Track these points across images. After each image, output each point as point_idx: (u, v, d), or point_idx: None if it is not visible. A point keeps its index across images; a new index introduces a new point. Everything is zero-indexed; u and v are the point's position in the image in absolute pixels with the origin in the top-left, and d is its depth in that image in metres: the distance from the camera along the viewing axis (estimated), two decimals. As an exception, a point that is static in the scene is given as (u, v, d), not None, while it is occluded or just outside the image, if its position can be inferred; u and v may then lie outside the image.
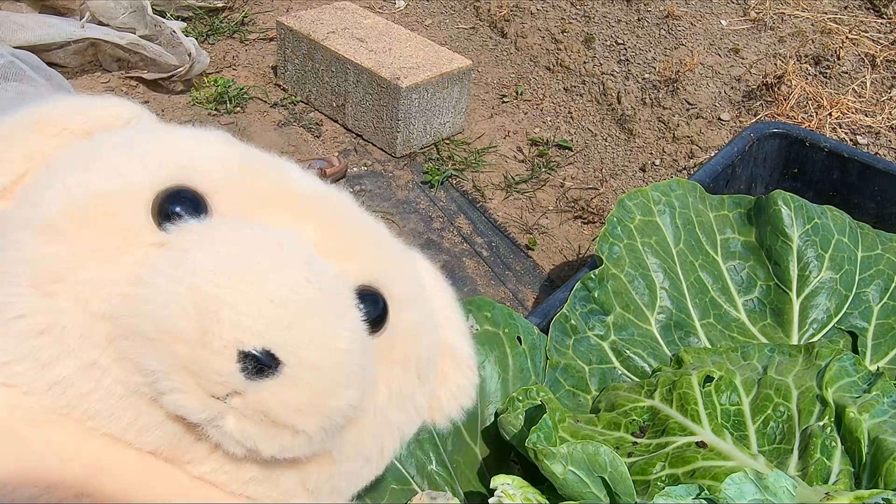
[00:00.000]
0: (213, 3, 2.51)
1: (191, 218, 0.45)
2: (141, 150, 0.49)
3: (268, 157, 0.54)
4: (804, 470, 0.79)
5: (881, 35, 2.05)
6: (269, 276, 0.42)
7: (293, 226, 0.49)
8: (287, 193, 0.50)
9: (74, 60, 2.09)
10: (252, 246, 0.43)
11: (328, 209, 0.52)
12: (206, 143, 0.51)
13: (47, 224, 0.45)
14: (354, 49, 2.04)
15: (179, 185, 0.47)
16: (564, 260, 1.77)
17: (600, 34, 2.28)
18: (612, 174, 2.01)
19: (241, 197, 0.48)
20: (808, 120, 1.88)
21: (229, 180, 0.48)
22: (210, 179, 0.48)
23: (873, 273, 1.08)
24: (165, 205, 0.45)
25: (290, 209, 0.50)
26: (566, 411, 0.86)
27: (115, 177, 0.46)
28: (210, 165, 0.49)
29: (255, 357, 0.40)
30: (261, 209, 0.48)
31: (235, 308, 0.40)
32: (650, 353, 0.99)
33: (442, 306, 0.61)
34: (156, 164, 0.47)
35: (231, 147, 0.52)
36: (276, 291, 0.41)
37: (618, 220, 1.04)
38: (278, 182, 0.51)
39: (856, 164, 1.37)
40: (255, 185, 0.49)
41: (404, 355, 0.53)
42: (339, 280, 0.46)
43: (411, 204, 1.90)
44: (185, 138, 0.51)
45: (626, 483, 0.74)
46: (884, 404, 0.82)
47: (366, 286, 0.50)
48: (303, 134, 2.08)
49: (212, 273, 0.41)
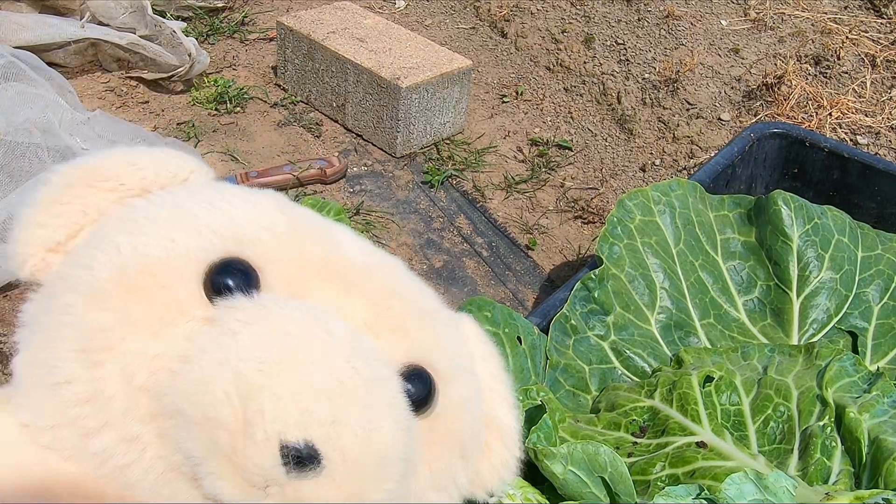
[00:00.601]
0: (213, 3, 2.51)
1: (241, 292, 0.44)
2: (194, 215, 0.48)
3: (320, 222, 0.53)
4: (804, 470, 0.79)
5: (881, 35, 2.05)
6: (315, 366, 0.41)
7: (342, 301, 0.48)
8: (338, 265, 0.49)
9: (74, 60, 2.09)
10: (300, 331, 0.42)
11: (378, 281, 0.50)
12: (258, 208, 0.50)
13: (96, 289, 0.44)
14: (354, 49, 2.04)
15: (231, 257, 0.46)
16: (564, 260, 1.77)
17: (600, 34, 2.28)
18: (612, 174, 2.01)
19: (292, 269, 0.47)
20: (808, 120, 1.88)
21: (280, 252, 0.47)
22: (261, 251, 0.47)
23: (873, 273, 1.08)
24: (217, 277, 0.45)
25: (339, 282, 0.48)
26: (566, 411, 0.86)
27: (167, 244, 0.45)
28: (262, 235, 0.47)
29: (297, 451, 0.39)
30: (311, 282, 0.47)
31: (280, 399, 0.39)
32: (650, 353, 0.99)
33: (488, 375, 0.59)
34: (208, 233, 0.46)
35: (283, 213, 0.51)
36: (322, 382, 0.40)
37: (618, 220, 1.04)
38: (329, 252, 0.49)
39: (856, 164, 1.37)
40: (305, 256, 0.48)
41: (449, 435, 0.51)
42: (386, 366, 0.45)
43: (411, 204, 1.90)
44: (238, 202, 0.50)
45: (627, 483, 0.74)
46: (884, 404, 0.82)
47: (413, 365, 0.49)
48: (303, 134, 2.08)
49: (258, 360, 0.40)
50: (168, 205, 0.49)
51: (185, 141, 1.95)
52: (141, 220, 0.47)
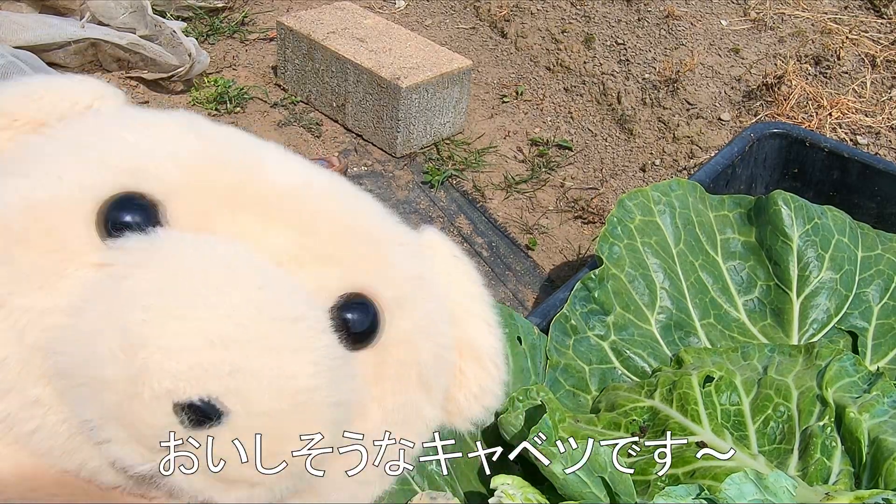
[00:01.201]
0: (213, 3, 2.51)
1: (140, 230, 0.39)
2: (85, 148, 0.42)
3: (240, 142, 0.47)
4: (804, 470, 0.79)
5: (881, 35, 2.05)
6: (211, 311, 0.36)
7: (259, 232, 0.42)
8: (256, 191, 0.43)
9: (74, 60, 2.09)
10: (195, 270, 0.37)
11: (306, 206, 0.45)
12: (163, 133, 0.44)
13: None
14: (354, 49, 2.04)
15: (127, 192, 0.40)
16: (564, 260, 1.77)
17: (600, 34, 2.28)
18: (612, 174, 2.01)
19: (200, 200, 0.42)
20: (808, 120, 1.88)
21: (186, 180, 0.42)
22: (163, 182, 0.41)
23: (873, 273, 1.08)
24: (111, 215, 0.40)
25: (257, 210, 0.43)
26: (566, 411, 0.86)
27: (53, 183, 0.40)
28: (165, 163, 0.42)
29: (194, 407, 0.35)
30: (222, 213, 0.42)
31: (167, 352, 0.35)
32: (650, 353, 0.99)
33: (461, 294, 0.53)
34: (99, 167, 0.41)
35: (194, 136, 0.45)
36: (217, 328, 0.36)
37: (618, 220, 1.04)
38: (246, 177, 0.44)
39: (856, 164, 1.37)
40: (216, 183, 0.42)
41: (402, 366, 0.46)
42: (303, 301, 0.40)
43: (411, 204, 1.90)
44: (139, 129, 0.44)
45: (626, 483, 0.74)
46: (884, 404, 0.82)
47: (352, 294, 0.44)
48: (303, 134, 2.08)
49: (143, 307, 0.35)
50: (61, 139, 0.43)
51: (185, 141, 1.95)
52: (28, 159, 0.42)
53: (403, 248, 0.50)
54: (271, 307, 0.38)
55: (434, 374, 0.49)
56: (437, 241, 0.55)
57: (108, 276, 0.38)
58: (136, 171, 0.41)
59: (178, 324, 0.35)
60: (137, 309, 0.35)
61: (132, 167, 0.41)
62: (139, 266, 0.37)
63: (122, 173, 0.41)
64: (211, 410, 0.35)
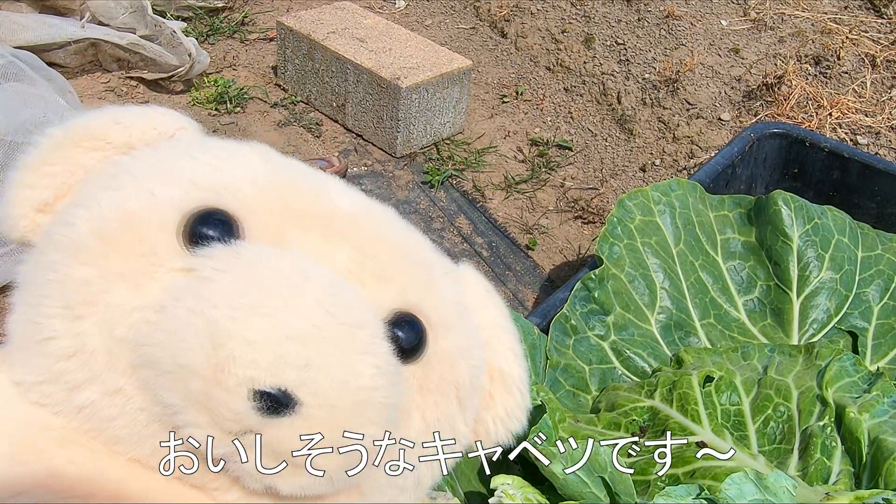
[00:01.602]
0: (213, 3, 2.51)
1: (220, 242, 0.44)
2: (174, 168, 0.48)
3: (307, 171, 0.52)
4: (804, 470, 0.79)
5: (881, 35, 2.05)
6: (289, 310, 0.41)
7: (325, 249, 0.47)
8: (322, 213, 0.49)
9: (74, 60, 2.09)
10: (275, 276, 0.42)
11: (365, 229, 0.50)
12: (241, 159, 0.50)
13: (78, 245, 0.44)
14: (354, 49, 2.04)
15: (210, 207, 0.45)
16: (564, 260, 1.77)
17: (600, 34, 2.28)
18: (612, 174, 2.01)
19: (273, 218, 0.47)
20: (808, 120, 1.88)
21: (261, 200, 0.47)
22: (241, 200, 0.46)
23: (873, 273, 1.08)
24: (195, 227, 0.44)
25: (324, 231, 0.48)
26: (566, 411, 0.87)
27: (146, 197, 0.46)
28: (242, 185, 0.47)
29: (270, 396, 0.39)
30: (293, 231, 0.47)
31: (251, 345, 0.39)
32: (650, 353, 0.99)
33: (492, 325, 0.58)
34: (187, 184, 0.46)
35: (267, 163, 0.50)
36: (295, 326, 0.40)
37: (618, 220, 1.04)
38: (314, 201, 0.49)
39: (856, 164, 1.37)
40: (288, 204, 0.48)
41: (443, 382, 0.51)
42: (367, 310, 0.45)
43: (411, 204, 1.90)
44: (221, 155, 0.50)
45: (626, 483, 0.74)
46: (884, 404, 0.82)
47: (403, 312, 0.49)
48: (303, 134, 2.08)
49: (230, 306, 0.40)
50: (150, 159, 0.49)
51: (185, 141, 1.95)
52: (122, 175, 0.48)
53: (447, 277, 0.55)
54: (341, 312, 0.42)
55: (469, 393, 0.53)
56: (472, 275, 0.60)
57: (196, 277, 0.42)
58: (218, 189, 0.47)
59: (260, 320, 0.40)
60: (224, 306, 0.40)
61: (215, 186, 0.47)
62: (224, 270, 0.42)
63: (206, 191, 0.46)
64: (286, 399, 0.39)
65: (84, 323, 0.43)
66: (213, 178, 0.47)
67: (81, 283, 0.43)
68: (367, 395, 0.42)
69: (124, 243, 0.44)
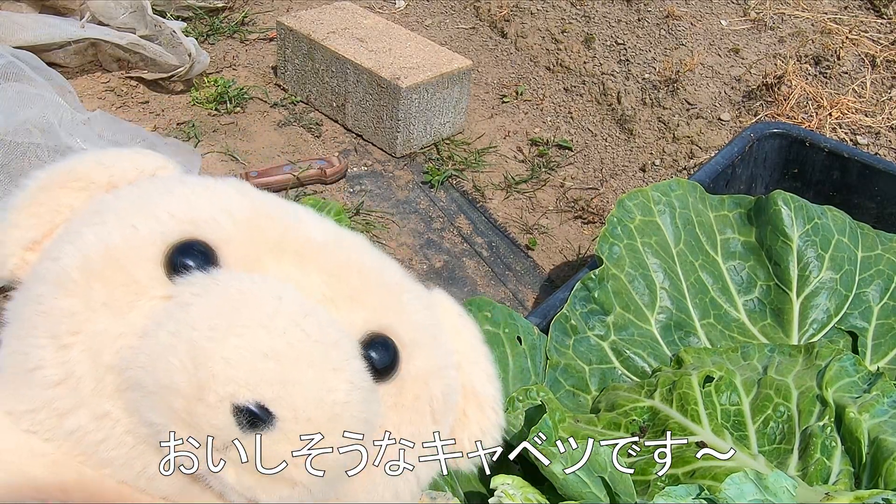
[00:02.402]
0: (213, 3, 2.51)
1: (200, 270, 0.47)
2: (154, 203, 0.50)
3: (281, 204, 0.54)
4: (804, 470, 0.79)
5: (881, 35, 2.05)
6: (264, 330, 0.43)
7: (299, 275, 0.50)
8: (295, 242, 0.51)
9: (74, 60, 2.09)
10: (250, 298, 0.44)
11: (337, 256, 0.52)
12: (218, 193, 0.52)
13: (63, 278, 0.47)
14: (354, 49, 2.04)
15: (189, 238, 0.48)
16: (564, 260, 1.77)
17: (600, 34, 2.28)
18: (612, 174, 2.01)
19: (249, 247, 0.49)
20: (808, 120, 1.88)
21: (237, 231, 0.49)
22: (219, 231, 0.49)
23: (873, 273, 1.08)
24: (175, 257, 0.47)
25: (297, 258, 0.50)
26: (566, 411, 0.87)
27: (129, 230, 0.48)
28: (220, 216, 0.50)
29: (250, 411, 0.41)
30: (268, 259, 0.49)
31: (230, 362, 0.41)
32: (650, 353, 0.99)
33: (466, 348, 0.61)
34: (166, 217, 0.49)
35: (243, 196, 0.53)
36: (271, 345, 0.42)
37: (618, 220, 1.04)
38: (287, 230, 0.51)
39: (856, 164, 1.37)
40: (263, 234, 0.50)
41: (417, 400, 0.53)
42: (340, 331, 0.47)
43: (411, 204, 1.90)
44: (198, 190, 0.52)
45: (626, 483, 0.74)
46: (884, 404, 0.82)
47: (376, 333, 0.51)
48: (303, 134, 2.08)
49: (208, 327, 0.42)
50: (131, 196, 0.52)
51: (185, 141, 1.95)
52: (104, 212, 0.50)
53: (419, 300, 0.57)
54: (315, 331, 0.44)
55: (444, 410, 0.55)
56: (445, 299, 0.63)
57: (175, 303, 0.44)
58: (197, 221, 0.49)
59: (237, 339, 0.42)
60: (203, 328, 0.42)
61: (194, 218, 0.49)
62: (202, 295, 0.44)
63: (186, 223, 0.49)
64: (264, 415, 0.41)
65: (70, 351, 0.45)
66: (192, 211, 0.50)
67: (67, 313, 0.45)
68: (341, 409, 0.44)
69: (108, 275, 0.46)
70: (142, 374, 0.43)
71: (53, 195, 0.52)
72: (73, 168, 0.54)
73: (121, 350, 0.44)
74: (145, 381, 0.42)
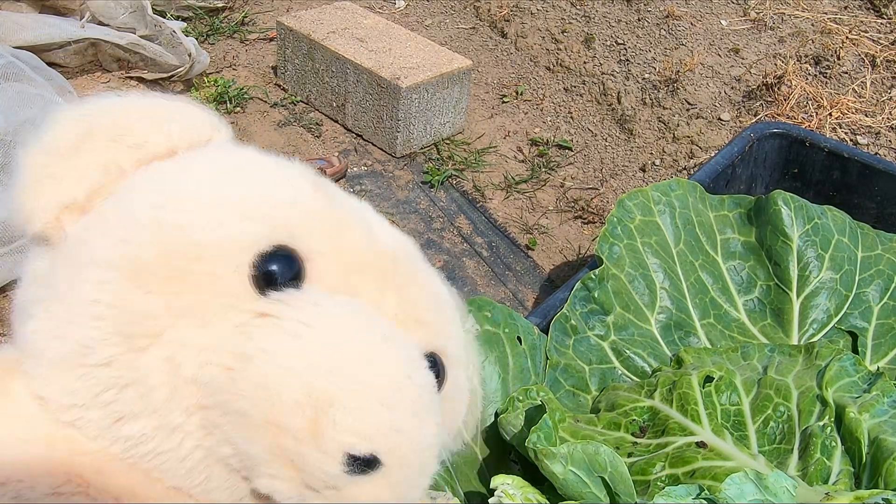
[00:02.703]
0: (213, 3, 2.51)
1: (289, 285, 0.44)
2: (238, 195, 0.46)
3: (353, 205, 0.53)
4: (804, 470, 0.79)
5: (881, 35, 2.05)
6: (378, 376, 0.43)
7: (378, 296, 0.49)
8: (373, 255, 0.50)
9: (74, 60, 2.09)
10: (359, 336, 0.44)
11: (405, 271, 0.52)
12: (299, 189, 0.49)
13: (139, 269, 0.42)
14: (354, 49, 2.04)
15: (281, 246, 0.45)
16: (564, 260, 1.77)
17: (600, 34, 2.28)
18: (612, 174, 2.01)
19: (338, 263, 0.47)
20: (808, 120, 1.88)
21: (324, 243, 0.47)
22: (308, 241, 0.46)
23: (873, 273, 1.08)
24: (267, 269, 0.44)
25: (375, 275, 0.49)
26: (566, 411, 0.86)
27: (215, 227, 0.43)
28: (308, 223, 0.47)
29: (362, 459, 0.41)
30: (353, 276, 0.48)
31: (350, 411, 0.41)
32: (650, 353, 0.99)
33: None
34: (256, 217, 0.45)
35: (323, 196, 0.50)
36: (385, 393, 0.42)
37: (618, 220, 1.04)
38: (367, 241, 0.50)
39: (856, 164, 1.37)
40: (346, 247, 0.48)
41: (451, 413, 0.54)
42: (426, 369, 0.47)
43: (411, 204, 1.90)
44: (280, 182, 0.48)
45: (627, 483, 0.74)
46: (884, 404, 0.82)
47: (430, 353, 0.51)
48: (303, 134, 2.08)
49: (326, 370, 0.41)
50: (206, 176, 0.46)
51: (185, 141, 1.95)
52: (183, 195, 0.45)
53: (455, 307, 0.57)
54: (414, 373, 0.45)
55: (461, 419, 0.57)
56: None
57: (279, 329, 0.42)
58: (287, 226, 0.46)
59: (356, 385, 0.41)
60: (322, 370, 0.41)
61: (286, 224, 0.46)
62: (309, 325, 0.42)
63: (277, 228, 0.45)
64: (374, 463, 0.42)
65: (145, 356, 0.41)
66: (278, 210, 0.46)
67: (144, 313, 0.41)
68: (431, 452, 0.46)
69: (193, 277, 0.42)
70: (244, 403, 0.41)
71: (100, 147, 0.45)
72: (121, 119, 0.47)
73: (206, 365, 0.41)
74: (248, 411, 0.41)
